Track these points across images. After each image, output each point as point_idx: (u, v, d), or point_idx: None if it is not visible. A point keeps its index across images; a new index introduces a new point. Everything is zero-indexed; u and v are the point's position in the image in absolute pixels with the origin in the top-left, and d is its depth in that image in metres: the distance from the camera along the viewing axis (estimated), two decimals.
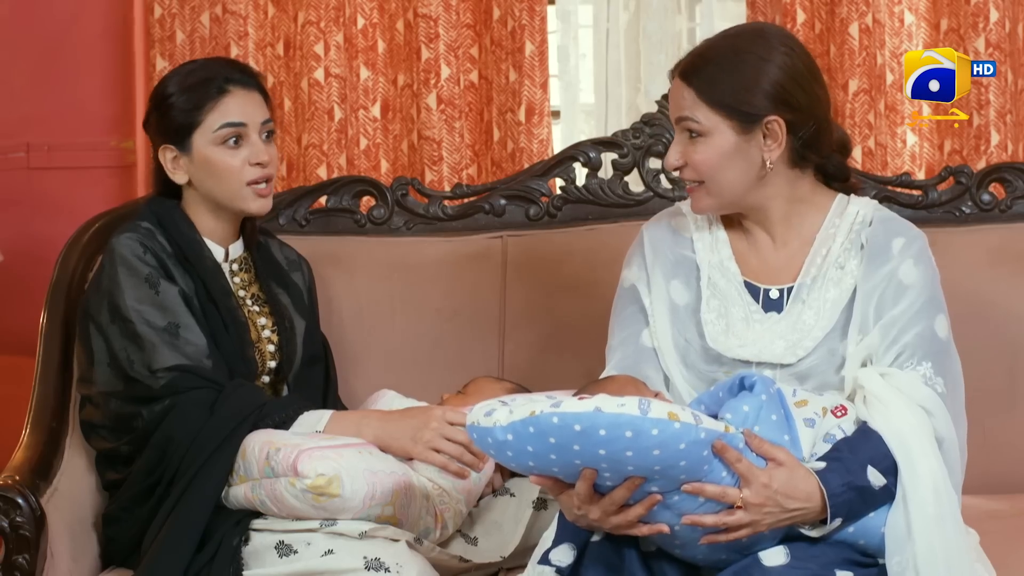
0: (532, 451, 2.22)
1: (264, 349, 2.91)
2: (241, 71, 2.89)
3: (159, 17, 3.78)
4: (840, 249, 2.55)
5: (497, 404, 2.28)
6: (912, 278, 2.50)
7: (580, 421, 2.17)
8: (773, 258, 2.58)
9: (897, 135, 3.61)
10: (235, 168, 2.84)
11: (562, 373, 3.09)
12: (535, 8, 3.65)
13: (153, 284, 2.79)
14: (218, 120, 2.83)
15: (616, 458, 2.18)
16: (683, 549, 2.33)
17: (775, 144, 2.50)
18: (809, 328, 2.51)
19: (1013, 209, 3.23)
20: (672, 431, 2.16)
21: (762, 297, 2.56)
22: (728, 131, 2.49)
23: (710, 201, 2.54)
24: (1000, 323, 3.05)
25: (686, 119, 2.50)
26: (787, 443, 2.30)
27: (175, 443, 2.72)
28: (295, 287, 3.02)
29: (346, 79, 3.73)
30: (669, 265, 2.60)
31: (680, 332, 2.56)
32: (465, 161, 3.71)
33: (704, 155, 2.50)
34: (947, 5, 3.60)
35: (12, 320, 3.79)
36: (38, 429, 2.87)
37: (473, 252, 3.27)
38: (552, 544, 2.39)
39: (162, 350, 2.76)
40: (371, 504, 2.66)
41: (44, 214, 3.88)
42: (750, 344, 2.52)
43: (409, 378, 3.12)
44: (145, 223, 2.87)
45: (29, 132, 3.92)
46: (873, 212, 2.58)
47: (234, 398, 2.75)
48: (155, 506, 2.73)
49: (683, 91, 2.50)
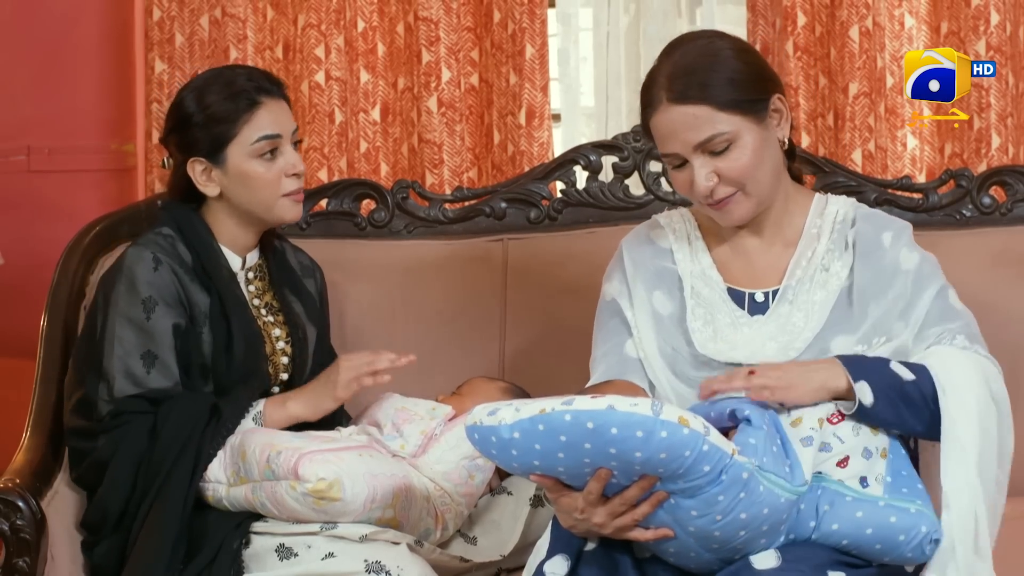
0: (540, 449, 2.21)
1: (278, 362, 2.90)
2: (267, 79, 2.87)
3: (158, 20, 3.77)
4: (824, 251, 2.55)
5: (501, 404, 2.27)
6: (913, 262, 2.53)
7: (593, 419, 2.16)
8: (758, 261, 2.58)
9: (897, 138, 3.61)
10: (272, 180, 2.83)
11: (562, 376, 3.08)
12: (535, 11, 3.65)
13: (149, 308, 2.78)
14: (255, 133, 2.82)
15: (626, 458, 2.18)
16: (676, 557, 2.32)
17: (783, 120, 2.51)
18: (799, 330, 2.51)
19: (1014, 212, 3.23)
20: (680, 436, 2.16)
21: (747, 302, 2.55)
22: (751, 126, 2.47)
23: (749, 205, 2.51)
24: (1000, 326, 3.05)
25: (710, 139, 2.45)
26: (788, 471, 2.28)
27: (123, 475, 2.72)
28: (308, 295, 3.00)
29: (346, 82, 3.72)
30: (650, 276, 2.60)
31: (666, 341, 2.55)
32: (466, 164, 3.71)
33: (740, 160, 2.46)
34: (947, 8, 3.60)
35: (12, 323, 3.78)
36: (39, 432, 2.87)
37: (474, 255, 3.28)
38: (546, 555, 2.38)
39: (120, 383, 2.75)
40: (372, 507, 2.66)
41: (44, 217, 3.88)
42: (741, 347, 2.51)
43: (410, 381, 3.11)
44: (167, 229, 2.86)
45: (29, 135, 3.92)
46: (854, 211, 2.59)
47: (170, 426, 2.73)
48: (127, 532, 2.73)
49: (691, 112, 2.45)
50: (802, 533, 2.31)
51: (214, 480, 2.73)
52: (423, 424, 2.84)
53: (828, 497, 2.31)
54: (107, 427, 2.75)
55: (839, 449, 2.35)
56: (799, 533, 2.32)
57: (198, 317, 2.81)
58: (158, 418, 2.73)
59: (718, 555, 2.30)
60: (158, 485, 2.68)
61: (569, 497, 2.29)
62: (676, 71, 2.47)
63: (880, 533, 2.31)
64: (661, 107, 2.47)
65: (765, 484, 2.23)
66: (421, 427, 2.84)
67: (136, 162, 3.85)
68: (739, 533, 2.25)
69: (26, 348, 3.15)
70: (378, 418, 2.87)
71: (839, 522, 2.30)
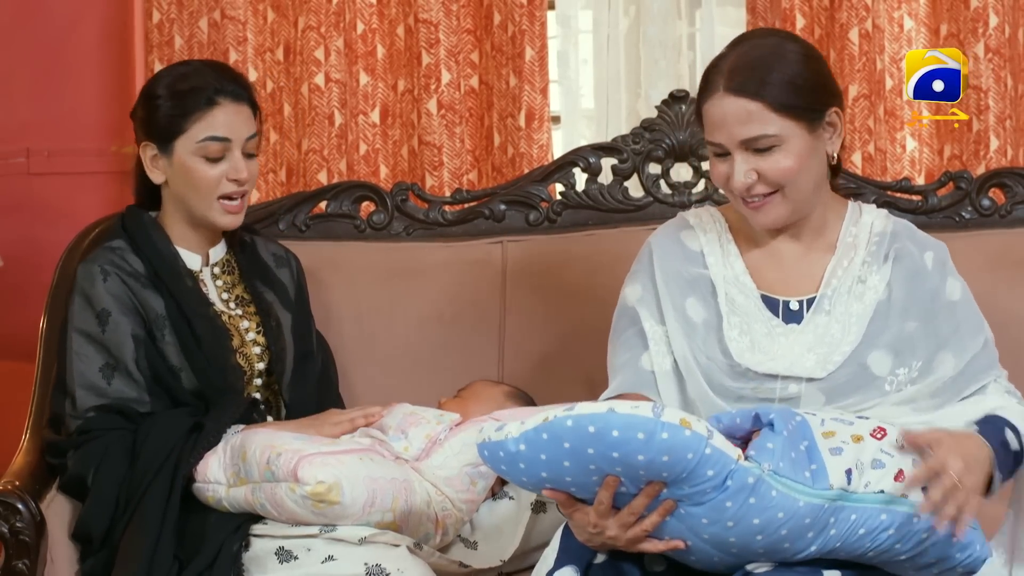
0: (545, 459, 2.21)
1: (250, 352, 2.91)
2: (233, 81, 2.88)
3: (157, 22, 3.77)
4: (860, 262, 2.53)
5: (509, 419, 2.28)
6: (957, 293, 2.53)
7: (594, 422, 2.16)
8: (793, 268, 2.55)
9: (896, 140, 3.61)
10: (210, 181, 2.85)
11: (562, 378, 3.09)
12: (535, 13, 3.65)
13: (103, 320, 2.81)
14: (203, 132, 2.84)
15: (629, 461, 2.17)
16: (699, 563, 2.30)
17: (836, 135, 2.49)
18: (837, 342, 2.48)
19: (1013, 214, 3.23)
20: (682, 438, 2.15)
21: (781, 309, 2.52)
22: (802, 133, 2.45)
23: (785, 209, 2.48)
24: (1000, 328, 3.03)
25: (758, 138, 2.43)
26: (812, 473, 2.24)
27: (106, 495, 2.72)
28: (280, 284, 3.01)
29: (346, 84, 3.72)
30: (683, 282, 2.55)
31: (701, 350, 2.51)
32: (466, 166, 3.71)
33: (784, 163, 2.44)
34: (947, 10, 3.60)
35: (12, 325, 3.78)
36: (38, 434, 2.87)
37: (473, 258, 3.27)
38: (555, 566, 2.36)
39: (82, 395, 2.78)
40: (371, 511, 2.66)
41: (44, 219, 3.88)
42: (779, 358, 2.48)
43: (409, 384, 3.12)
44: (117, 242, 2.89)
45: (29, 137, 3.92)
46: (892, 224, 2.58)
47: (149, 444, 2.74)
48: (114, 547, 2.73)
49: (744, 107, 2.43)
50: (853, 551, 2.27)
51: (213, 481, 2.73)
52: (429, 428, 2.84)
53: (895, 519, 2.26)
54: (75, 443, 2.78)
55: (891, 464, 2.29)
56: (849, 551, 2.27)
57: (156, 321, 2.83)
58: (137, 436, 2.75)
59: (741, 559, 2.28)
60: (134, 505, 2.69)
61: (582, 512, 2.27)
62: (740, 62, 2.45)
63: (938, 551, 2.28)
64: (717, 95, 2.45)
65: (778, 488, 2.21)
66: (427, 431, 2.83)
67: None
68: (756, 538, 2.23)
69: (26, 350, 3.15)
70: (385, 423, 2.87)
71: (902, 542, 2.26)
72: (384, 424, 2.86)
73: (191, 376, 2.83)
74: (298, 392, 2.94)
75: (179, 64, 2.98)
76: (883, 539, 2.26)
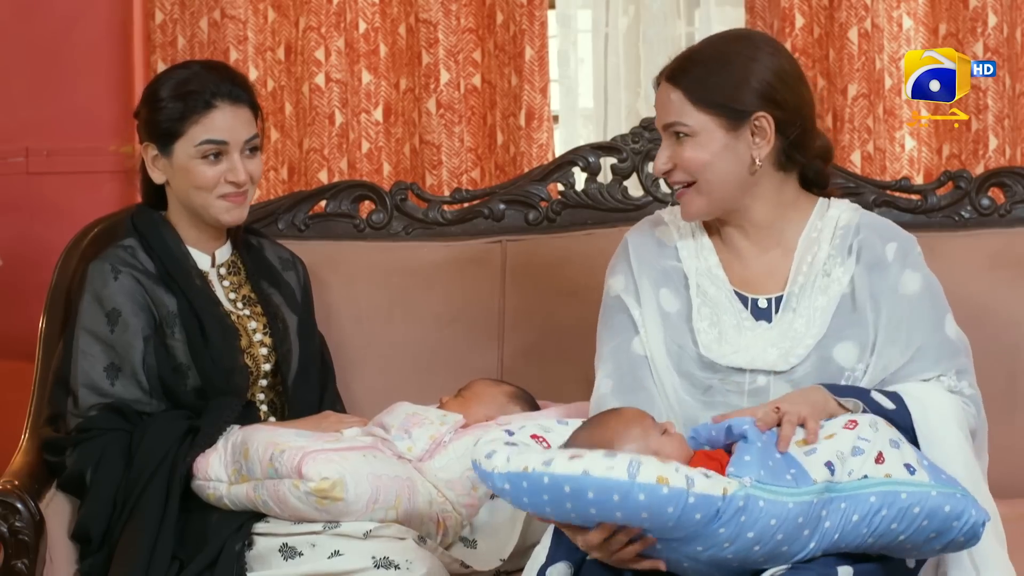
0: (528, 502, 2.25)
1: (256, 353, 2.91)
2: (232, 83, 2.88)
3: (160, 22, 3.78)
4: (825, 256, 2.55)
5: (498, 444, 2.30)
6: (913, 287, 2.52)
7: (569, 483, 2.19)
8: (756, 266, 2.58)
9: (896, 139, 3.61)
10: (210, 181, 2.86)
11: (561, 378, 3.09)
12: (535, 13, 3.65)
13: (113, 321, 2.82)
14: (201, 135, 2.85)
15: (608, 517, 2.20)
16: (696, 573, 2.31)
17: (763, 142, 2.51)
18: (800, 336, 2.51)
19: (1012, 214, 3.23)
20: (659, 496, 2.17)
21: (751, 306, 2.55)
22: (717, 129, 2.50)
23: (701, 202, 2.54)
24: (999, 328, 3.05)
25: (673, 124, 2.51)
26: (793, 476, 2.26)
27: (103, 496, 2.73)
28: (287, 286, 3.02)
29: (347, 83, 3.73)
30: (656, 274, 2.60)
31: (673, 339, 2.56)
32: (466, 165, 3.71)
33: (693, 153, 2.50)
34: (946, 9, 3.60)
35: (11, 325, 3.79)
36: (37, 434, 2.87)
37: (472, 257, 3.27)
38: (547, 561, 2.38)
39: (84, 394, 2.79)
40: (374, 508, 2.66)
41: (43, 219, 3.88)
42: (743, 351, 2.52)
43: (408, 383, 3.12)
44: (128, 240, 2.91)
45: (28, 137, 3.92)
46: (858, 217, 2.59)
47: (145, 445, 2.74)
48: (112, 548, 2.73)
49: (670, 94, 2.52)
50: (853, 540, 2.29)
51: (215, 478, 2.73)
52: (433, 429, 2.83)
53: (885, 499, 2.28)
54: (74, 441, 2.78)
55: (869, 448, 2.32)
56: (849, 541, 2.29)
57: (167, 319, 2.85)
58: (133, 438, 2.75)
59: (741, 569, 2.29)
60: (131, 506, 2.69)
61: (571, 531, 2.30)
62: (686, 54, 2.56)
63: (935, 523, 2.29)
64: (661, 81, 2.55)
65: (766, 497, 2.22)
66: (431, 431, 2.83)
67: (135, 164, 3.84)
68: (753, 549, 2.24)
69: (25, 350, 3.15)
70: (387, 422, 2.86)
71: (897, 521, 2.28)
72: (385, 423, 2.86)
73: (196, 375, 2.84)
74: (302, 394, 2.95)
75: (180, 66, 2.99)
76: (879, 522, 2.27)
